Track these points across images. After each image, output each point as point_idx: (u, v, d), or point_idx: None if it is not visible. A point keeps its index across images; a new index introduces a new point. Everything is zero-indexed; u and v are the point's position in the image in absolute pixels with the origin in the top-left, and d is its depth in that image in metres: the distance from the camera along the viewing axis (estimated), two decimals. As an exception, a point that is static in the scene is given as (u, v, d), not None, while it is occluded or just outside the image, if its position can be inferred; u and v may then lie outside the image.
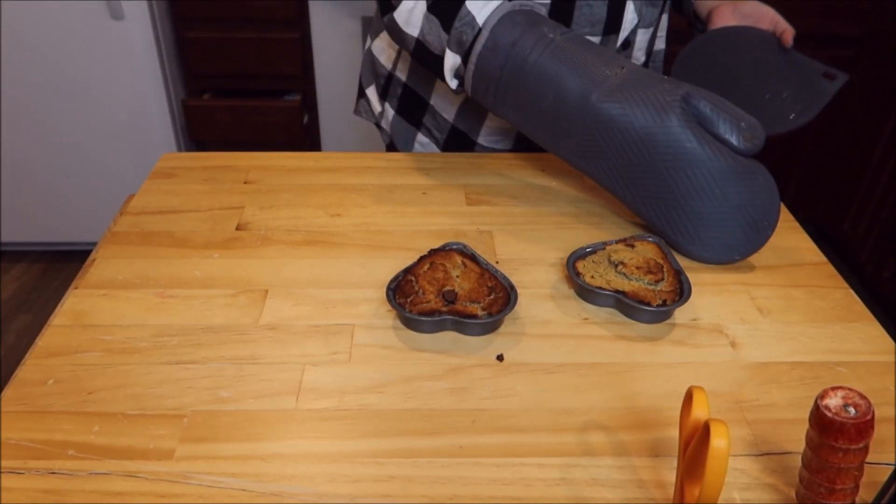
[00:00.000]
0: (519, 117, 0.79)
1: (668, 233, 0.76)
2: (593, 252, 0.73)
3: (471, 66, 0.77)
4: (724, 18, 0.90)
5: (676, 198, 0.73)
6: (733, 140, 0.72)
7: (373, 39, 1.02)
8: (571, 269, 0.70)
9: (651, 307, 0.66)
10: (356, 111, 1.09)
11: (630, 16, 0.89)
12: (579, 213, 0.84)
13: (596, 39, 0.88)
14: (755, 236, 0.73)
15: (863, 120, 2.01)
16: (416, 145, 1.01)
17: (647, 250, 0.72)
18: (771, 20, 0.89)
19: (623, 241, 0.74)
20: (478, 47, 0.76)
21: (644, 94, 0.72)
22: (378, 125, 1.06)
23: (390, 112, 1.01)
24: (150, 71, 1.91)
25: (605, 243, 0.74)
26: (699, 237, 0.74)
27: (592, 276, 0.69)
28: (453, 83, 0.81)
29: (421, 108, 0.97)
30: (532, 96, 0.76)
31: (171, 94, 1.98)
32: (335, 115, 2.09)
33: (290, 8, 1.92)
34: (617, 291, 0.67)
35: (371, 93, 1.05)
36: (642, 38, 0.94)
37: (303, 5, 1.92)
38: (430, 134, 1.00)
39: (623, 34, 0.90)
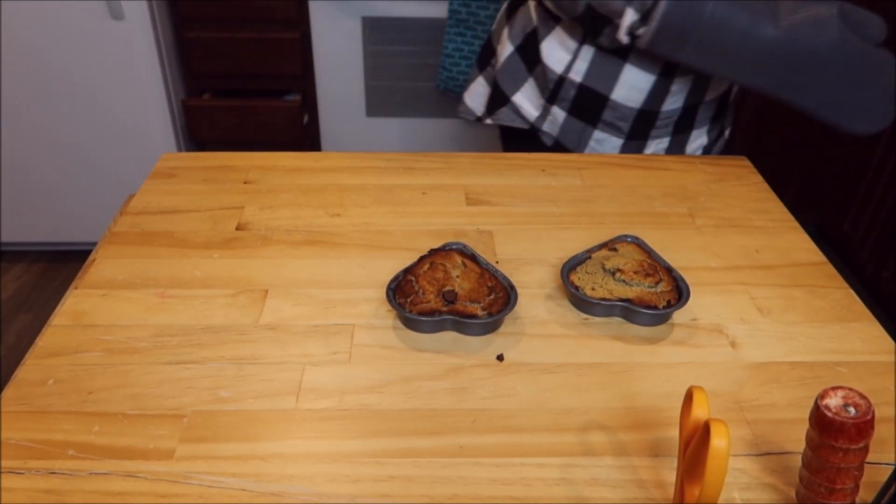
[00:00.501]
0: (703, 62, 0.90)
1: (830, 117, 0.89)
2: (581, 262, 0.72)
3: (653, 24, 0.87)
4: None
5: (837, 89, 0.88)
6: (874, 35, 0.89)
7: (540, 42, 1.04)
8: (569, 284, 0.69)
9: (660, 310, 0.66)
10: (496, 118, 1.10)
11: None
12: (579, 213, 0.84)
13: None
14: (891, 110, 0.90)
15: (863, 120, 2.01)
16: (592, 143, 1.04)
17: (631, 252, 0.72)
18: None
19: (604, 245, 0.74)
20: (662, 6, 0.86)
21: (807, 13, 0.86)
22: (535, 129, 1.06)
23: (560, 114, 1.03)
24: (150, 71, 1.91)
25: (588, 252, 0.73)
26: (854, 115, 0.89)
27: (593, 289, 0.68)
28: (625, 38, 0.90)
29: (600, 105, 1.01)
30: (714, 41, 0.87)
31: (171, 94, 1.98)
32: (335, 115, 2.09)
33: (290, 8, 1.91)
34: (622, 300, 0.67)
35: (521, 98, 1.06)
36: None
37: (303, 5, 1.92)
38: (610, 127, 1.02)
39: None
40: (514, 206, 0.85)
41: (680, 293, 0.68)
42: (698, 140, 1.05)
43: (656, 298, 0.67)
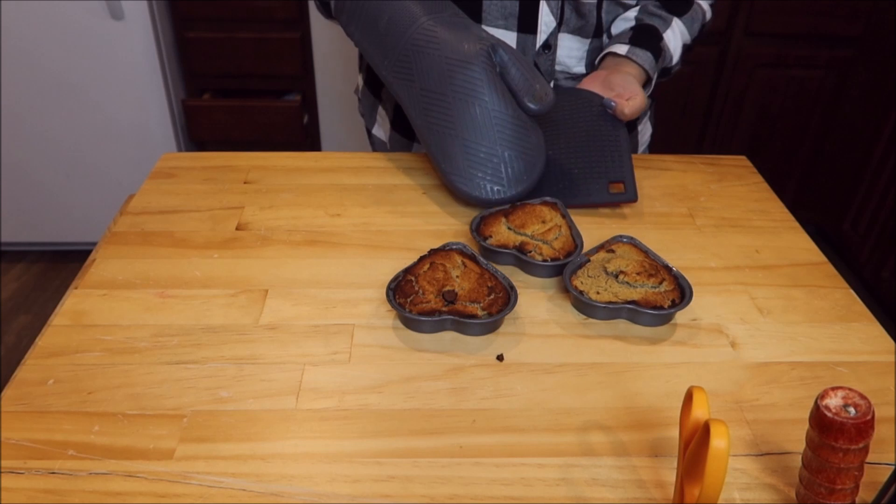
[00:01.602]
0: (362, 37, 0.86)
1: (441, 163, 0.81)
2: (581, 266, 0.71)
3: None
4: (590, 83, 0.89)
5: (458, 131, 0.79)
6: (524, 98, 0.79)
7: None
8: (573, 289, 0.68)
9: (666, 310, 0.66)
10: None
11: (546, 17, 0.88)
12: (579, 213, 0.84)
13: (512, 35, 0.89)
14: (511, 185, 0.80)
15: (863, 120, 2.01)
16: (378, 118, 1.04)
17: (629, 252, 0.72)
18: (627, 107, 0.85)
19: (601, 247, 0.74)
20: None
21: (460, 34, 0.80)
22: (359, 99, 1.10)
23: (360, 82, 1.07)
24: (150, 71, 1.91)
25: (586, 255, 0.73)
26: (460, 169, 0.80)
27: (597, 293, 0.68)
28: (318, 8, 0.92)
29: (380, 82, 1.00)
30: (373, 16, 0.84)
31: (171, 94, 1.98)
32: (335, 115, 2.09)
33: (290, 8, 1.92)
34: (628, 302, 0.67)
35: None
36: (572, 45, 0.92)
37: (303, 5, 1.92)
38: (385, 109, 1.02)
39: (541, 35, 0.90)
40: (514, 206, 0.85)
41: (682, 291, 0.68)
42: None
43: (661, 298, 0.67)
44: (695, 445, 0.44)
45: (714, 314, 0.69)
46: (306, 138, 2.11)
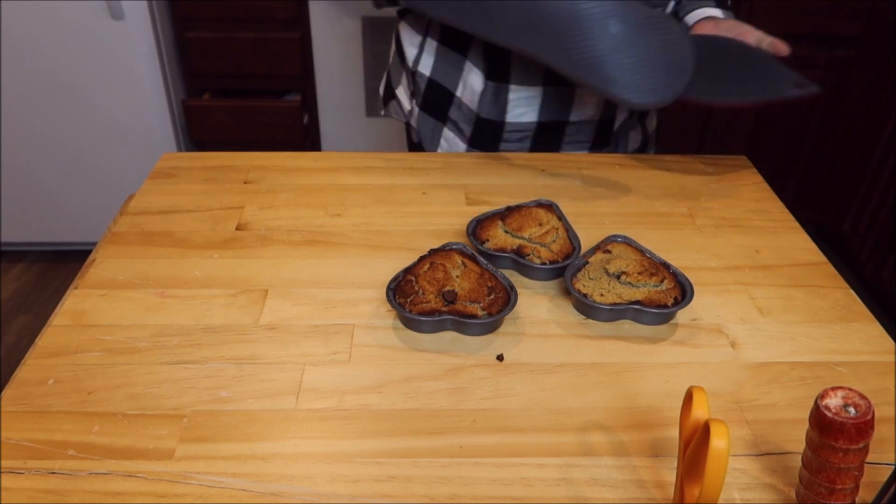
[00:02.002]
0: (454, 14, 0.84)
1: (603, 87, 0.80)
2: (581, 268, 0.71)
3: None
4: (706, 31, 0.93)
5: (606, 53, 0.79)
6: None
7: (400, 35, 1.05)
8: (576, 292, 0.68)
9: (670, 308, 0.66)
10: (387, 113, 1.11)
11: None
12: (579, 213, 0.84)
13: None
14: (677, 78, 0.81)
15: (863, 120, 2.01)
16: (442, 141, 1.02)
17: (626, 252, 0.72)
18: (756, 37, 0.91)
19: (597, 248, 0.74)
20: None
21: None
22: (408, 124, 1.08)
23: (416, 109, 1.04)
24: (150, 71, 1.91)
25: (584, 257, 0.72)
26: (629, 84, 0.79)
27: (602, 295, 0.67)
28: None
29: (447, 100, 0.99)
30: None
31: (171, 94, 1.98)
32: (335, 115, 2.09)
33: (290, 8, 1.92)
34: (632, 302, 0.67)
35: (401, 92, 1.06)
36: None
37: (303, 5, 1.92)
38: (456, 127, 1.00)
39: None
40: (514, 206, 0.85)
41: (682, 288, 0.68)
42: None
43: (663, 297, 0.67)
44: (695, 445, 0.44)
45: (714, 314, 0.69)
46: (306, 138, 2.11)
